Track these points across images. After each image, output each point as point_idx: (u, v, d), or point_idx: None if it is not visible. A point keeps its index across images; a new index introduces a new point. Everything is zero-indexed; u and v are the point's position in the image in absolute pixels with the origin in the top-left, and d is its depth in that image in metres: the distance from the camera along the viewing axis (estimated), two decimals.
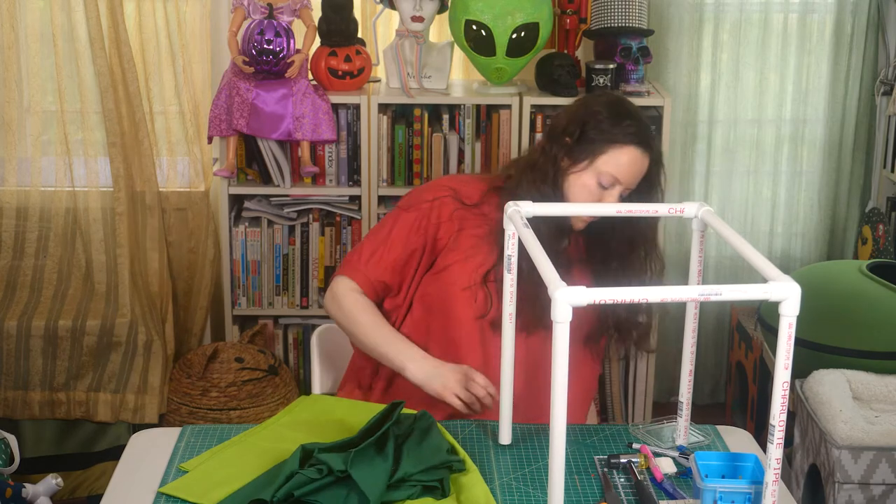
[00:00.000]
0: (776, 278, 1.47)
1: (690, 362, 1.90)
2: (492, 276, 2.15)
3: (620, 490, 1.80)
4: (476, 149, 3.36)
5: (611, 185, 2.10)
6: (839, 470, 2.64)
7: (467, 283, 2.16)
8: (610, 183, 2.10)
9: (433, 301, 2.19)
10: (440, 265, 2.19)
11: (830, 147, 3.89)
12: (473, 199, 2.21)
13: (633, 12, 3.37)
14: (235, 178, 3.36)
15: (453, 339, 2.16)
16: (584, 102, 2.19)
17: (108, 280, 3.44)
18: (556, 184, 2.12)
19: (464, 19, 3.22)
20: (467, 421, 2.05)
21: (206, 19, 3.49)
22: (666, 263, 2.26)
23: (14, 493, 2.88)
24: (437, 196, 2.22)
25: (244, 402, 3.25)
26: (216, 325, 3.72)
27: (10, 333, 3.30)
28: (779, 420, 1.49)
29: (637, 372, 3.57)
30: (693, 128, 3.85)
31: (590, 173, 2.10)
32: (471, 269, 2.16)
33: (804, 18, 3.82)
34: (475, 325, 2.16)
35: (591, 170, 2.10)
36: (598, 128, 2.10)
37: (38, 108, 3.47)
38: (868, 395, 2.88)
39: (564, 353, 1.44)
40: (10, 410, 3.33)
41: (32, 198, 3.48)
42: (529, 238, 1.62)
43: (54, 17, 3.37)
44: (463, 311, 2.16)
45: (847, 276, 3.10)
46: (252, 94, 3.17)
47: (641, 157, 2.11)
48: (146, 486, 1.81)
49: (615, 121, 2.10)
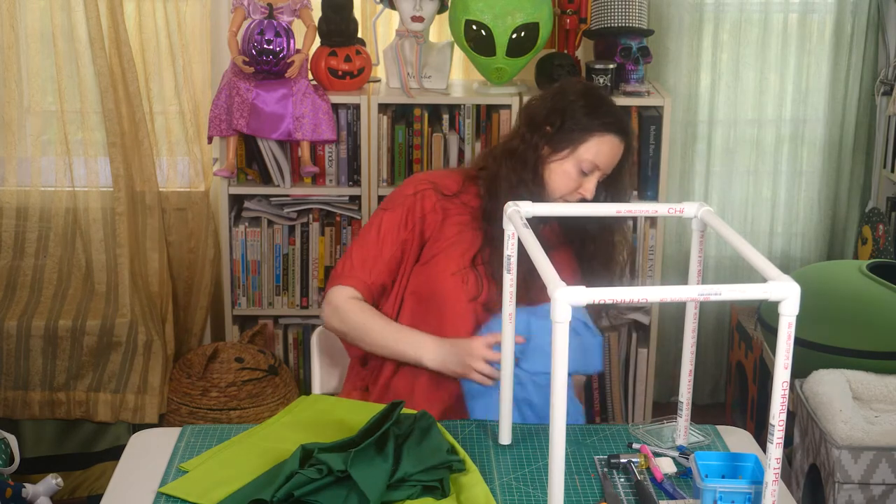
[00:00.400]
0: (776, 278, 1.47)
1: (690, 362, 1.90)
2: (479, 259, 2.21)
3: (620, 490, 1.80)
4: (476, 149, 3.36)
5: (590, 172, 2.19)
6: (839, 470, 2.64)
7: (456, 268, 2.20)
8: (590, 170, 2.19)
9: (424, 291, 2.21)
10: (427, 256, 2.23)
11: (830, 147, 3.89)
12: (452, 190, 2.28)
13: (633, 12, 3.37)
14: (235, 178, 3.36)
15: (448, 325, 2.18)
16: (561, 91, 2.25)
17: (108, 280, 3.44)
18: (537, 171, 2.19)
19: (464, 19, 3.22)
20: (467, 421, 2.06)
21: (206, 19, 3.49)
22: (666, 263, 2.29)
23: (14, 493, 2.88)
24: (418, 190, 2.27)
25: (244, 402, 3.25)
26: (216, 325, 3.73)
27: (10, 333, 3.30)
28: (779, 420, 1.49)
29: (637, 372, 3.57)
30: (693, 128, 3.85)
31: (571, 161, 2.18)
32: (458, 255, 2.21)
33: (804, 18, 3.82)
34: (468, 308, 2.19)
35: (572, 158, 2.18)
36: (579, 117, 2.18)
37: (38, 108, 3.47)
38: (868, 395, 2.88)
39: (564, 354, 1.44)
40: (10, 410, 3.33)
41: (32, 198, 3.48)
42: (529, 238, 1.63)
43: (54, 17, 3.37)
44: (455, 295, 2.19)
45: (847, 276, 3.10)
46: (252, 94, 3.17)
47: (619, 144, 2.21)
48: (146, 486, 1.81)
49: (594, 110, 2.19)
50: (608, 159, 2.19)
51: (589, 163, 2.17)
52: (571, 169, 2.18)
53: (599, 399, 3.62)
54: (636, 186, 3.41)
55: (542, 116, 2.21)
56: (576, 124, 2.18)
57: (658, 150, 3.37)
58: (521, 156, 2.20)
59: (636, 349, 3.56)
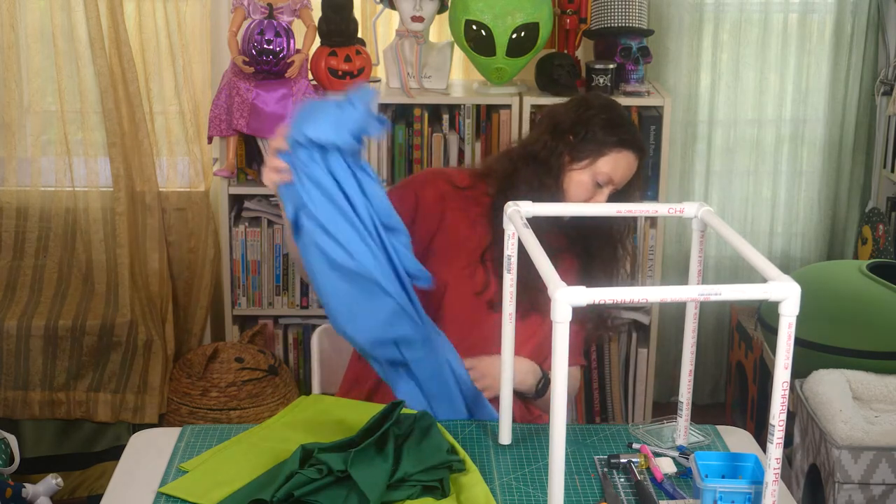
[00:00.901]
0: (776, 278, 1.47)
1: (690, 362, 1.90)
2: (488, 255, 2.23)
3: (620, 490, 1.80)
4: (476, 149, 3.36)
5: (605, 184, 2.22)
6: (839, 470, 2.64)
7: (465, 263, 2.23)
8: (605, 182, 2.22)
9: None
10: (435, 247, 2.25)
11: (830, 147, 3.89)
12: (465, 183, 2.31)
13: (633, 12, 3.37)
14: (235, 178, 3.36)
15: (447, 317, 2.19)
16: (586, 103, 2.28)
17: (108, 280, 3.44)
18: (558, 178, 2.22)
19: (464, 19, 3.22)
20: (467, 421, 2.06)
21: (206, 19, 3.49)
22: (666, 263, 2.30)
23: (14, 493, 2.88)
24: (428, 177, 2.34)
25: (244, 402, 3.25)
26: (216, 325, 3.73)
27: (10, 333, 3.30)
28: (779, 420, 1.49)
29: (637, 372, 3.57)
30: (693, 128, 3.85)
31: (588, 172, 2.21)
32: (468, 250, 2.24)
33: (804, 18, 3.82)
34: (472, 303, 2.21)
35: (590, 169, 2.21)
36: (601, 131, 2.21)
37: (38, 108, 3.47)
38: (868, 395, 2.88)
39: (564, 354, 1.44)
40: (10, 410, 3.33)
41: (32, 198, 3.48)
42: (529, 238, 1.63)
43: (54, 17, 3.37)
44: (459, 288, 2.21)
45: (847, 276, 3.10)
46: (252, 94, 3.17)
47: (634, 160, 2.24)
48: (146, 486, 1.81)
49: (616, 125, 2.23)
50: (623, 174, 2.23)
51: (605, 175, 2.21)
52: (587, 180, 2.21)
53: (599, 399, 3.62)
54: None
55: (567, 125, 2.24)
56: (598, 136, 2.21)
57: (658, 150, 3.37)
58: (545, 161, 2.23)
59: (636, 349, 3.56)
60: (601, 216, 2.18)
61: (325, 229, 1.89)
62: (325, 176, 1.89)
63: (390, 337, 1.96)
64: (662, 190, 3.40)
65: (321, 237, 1.89)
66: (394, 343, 1.97)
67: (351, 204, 1.91)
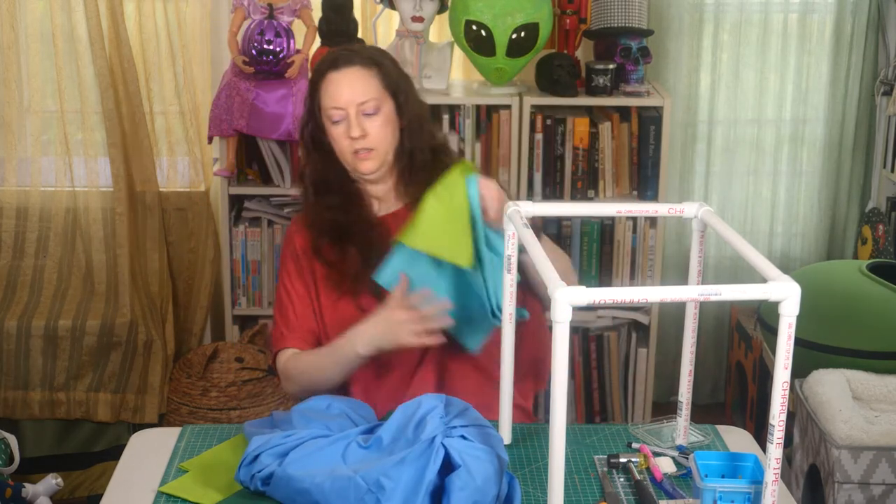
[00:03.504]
0: (776, 278, 1.47)
1: (690, 362, 1.90)
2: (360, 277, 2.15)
3: (620, 490, 1.80)
4: (476, 149, 3.36)
5: (342, 118, 2.10)
6: (839, 470, 2.64)
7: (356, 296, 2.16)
8: (340, 116, 2.10)
9: (347, 320, 2.14)
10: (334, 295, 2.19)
11: (830, 147, 3.89)
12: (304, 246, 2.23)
13: (633, 12, 3.37)
14: (235, 178, 3.36)
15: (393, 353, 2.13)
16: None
17: (108, 280, 3.44)
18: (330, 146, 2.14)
19: (464, 19, 3.22)
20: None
21: (206, 19, 3.49)
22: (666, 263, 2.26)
23: (14, 493, 2.88)
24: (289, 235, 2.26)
25: (244, 402, 3.25)
26: (216, 325, 3.73)
27: (10, 333, 3.30)
28: (778, 420, 1.49)
29: (637, 372, 3.57)
30: (693, 128, 3.85)
31: (325, 118, 2.12)
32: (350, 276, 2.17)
33: (804, 18, 3.82)
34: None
35: (324, 114, 2.12)
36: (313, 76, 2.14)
37: (38, 108, 3.47)
38: (868, 395, 2.88)
39: (564, 354, 1.44)
40: (10, 410, 3.33)
41: (32, 198, 3.48)
42: (529, 238, 1.63)
43: (54, 17, 3.37)
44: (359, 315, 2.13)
45: (847, 276, 3.10)
46: (252, 94, 3.18)
47: (358, 73, 2.11)
48: (146, 486, 1.81)
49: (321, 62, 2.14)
50: (351, 93, 2.09)
51: (330, 109, 2.09)
52: (332, 130, 2.11)
53: (599, 399, 3.62)
54: (636, 186, 3.42)
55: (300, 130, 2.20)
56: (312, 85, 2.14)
57: (658, 150, 3.37)
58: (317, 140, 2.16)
59: (636, 349, 3.56)
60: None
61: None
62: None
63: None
64: (662, 190, 3.40)
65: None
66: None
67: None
